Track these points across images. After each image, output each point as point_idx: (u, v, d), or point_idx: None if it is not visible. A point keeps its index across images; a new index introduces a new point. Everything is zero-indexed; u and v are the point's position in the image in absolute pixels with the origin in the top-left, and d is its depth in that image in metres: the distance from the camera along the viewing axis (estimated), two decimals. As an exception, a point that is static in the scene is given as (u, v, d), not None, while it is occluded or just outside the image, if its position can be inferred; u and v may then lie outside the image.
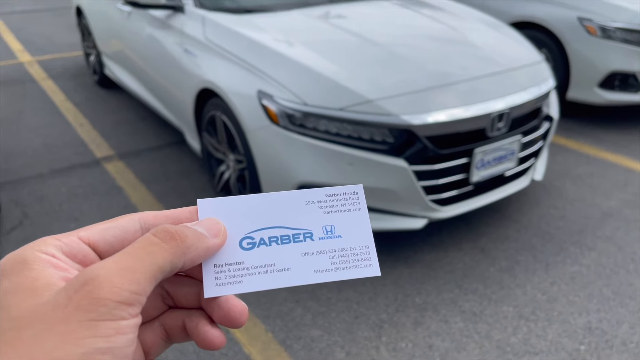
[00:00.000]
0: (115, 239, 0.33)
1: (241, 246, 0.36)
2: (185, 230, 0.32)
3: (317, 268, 0.36)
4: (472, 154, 2.16)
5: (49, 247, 0.31)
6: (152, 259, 0.30)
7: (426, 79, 2.19)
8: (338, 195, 0.38)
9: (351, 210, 0.38)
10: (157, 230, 0.32)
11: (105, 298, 0.27)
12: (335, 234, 0.37)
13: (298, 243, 0.36)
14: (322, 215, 0.37)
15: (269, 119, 2.13)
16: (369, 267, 0.36)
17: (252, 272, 0.35)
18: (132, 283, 0.28)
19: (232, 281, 0.35)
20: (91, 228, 0.33)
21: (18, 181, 3.03)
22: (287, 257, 0.36)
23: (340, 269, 0.36)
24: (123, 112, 4.02)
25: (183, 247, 0.31)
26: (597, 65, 3.56)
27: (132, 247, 0.31)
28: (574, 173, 3.11)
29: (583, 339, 1.93)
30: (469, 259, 2.34)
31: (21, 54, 5.64)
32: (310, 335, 1.93)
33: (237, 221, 0.36)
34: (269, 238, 0.36)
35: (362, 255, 0.37)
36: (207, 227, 0.34)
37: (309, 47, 2.33)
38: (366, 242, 0.37)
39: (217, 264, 0.35)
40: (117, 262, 0.29)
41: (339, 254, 0.36)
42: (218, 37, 2.50)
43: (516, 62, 2.47)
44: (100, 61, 4.27)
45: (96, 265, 0.29)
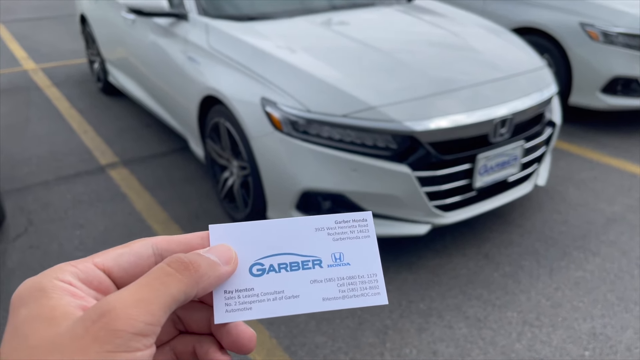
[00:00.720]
0: (130, 264, 0.34)
1: (251, 272, 0.36)
2: (198, 259, 0.33)
3: (326, 296, 0.36)
4: (475, 159, 2.17)
5: (65, 275, 0.31)
6: (167, 290, 0.30)
7: (429, 85, 2.20)
8: (347, 222, 0.38)
9: (360, 238, 0.38)
10: (171, 260, 0.32)
11: (121, 330, 0.28)
12: (344, 261, 0.37)
13: (307, 270, 0.36)
14: (331, 242, 0.37)
15: (273, 126, 2.14)
16: (377, 296, 0.37)
17: (262, 299, 0.35)
18: (147, 315, 0.29)
19: (242, 307, 0.35)
20: (106, 254, 0.34)
21: (23, 188, 3.05)
22: (295, 284, 0.36)
23: (348, 297, 0.36)
24: (127, 119, 4.05)
25: (196, 276, 0.32)
26: (600, 70, 3.56)
27: (147, 277, 0.31)
28: (577, 178, 3.11)
29: (587, 344, 1.92)
30: (473, 265, 2.34)
31: (26, 61, 5.68)
32: (314, 341, 1.93)
33: (248, 247, 0.37)
34: (278, 265, 0.36)
35: (370, 283, 0.37)
36: (219, 254, 0.35)
37: (312, 54, 2.35)
38: (374, 270, 0.37)
39: (228, 290, 0.35)
40: (133, 293, 0.30)
41: (347, 282, 0.36)
42: (221, 45, 2.52)
43: (518, 68, 2.48)
44: (104, 68, 4.30)
45: (112, 296, 0.29)
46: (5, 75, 5.20)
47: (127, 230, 2.63)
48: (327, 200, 2.17)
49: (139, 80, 3.54)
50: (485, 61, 2.48)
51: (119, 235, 2.59)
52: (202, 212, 2.78)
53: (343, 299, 0.36)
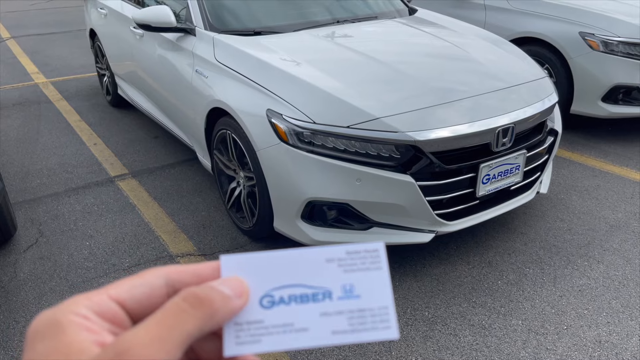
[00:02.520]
0: (143, 296, 0.35)
1: (261, 304, 0.36)
2: (212, 294, 0.33)
3: (335, 329, 0.35)
4: (478, 168, 2.20)
5: (80, 308, 0.32)
6: (182, 327, 0.31)
7: (431, 96, 2.25)
8: (358, 252, 0.38)
9: (371, 269, 0.38)
10: (186, 296, 0.32)
11: None
12: (355, 293, 0.37)
13: (317, 303, 0.36)
14: (342, 273, 0.37)
15: (278, 137, 2.19)
16: (387, 330, 0.36)
17: (271, 332, 0.35)
18: (163, 353, 0.29)
19: (252, 340, 0.35)
20: (119, 286, 0.35)
21: (34, 200, 3.11)
22: (305, 317, 0.36)
23: (358, 331, 0.36)
24: (136, 131, 4.12)
25: (211, 311, 0.32)
26: (600, 78, 3.60)
27: (161, 313, 0.32)
28: (580, 186, 3.13)
29: (593, 352, 1.94)
30: (477, 272, 2.36)
31: (36, 75, 5.80)
32: (320, 349, 1.96)
33: (259, 278, 0.37)
34: (288, 296, 0.36)
35: (381, 316, 0.36)
36: (232, 287, 0.35)
37: (317, 67, 2.40)
38: (385, 302, 0.37)
39: (238, 322, 0.35)
40: (148, 331, 0.30)
41: (357, 315, 0.36)
42: (228, 58, 2.59)
43: (519, 79, 2.52)
44: (114, 82, 4.39)
45: (128, 335, 0.30)
46: (17, 89, 5.30)
47: (136, 240, 2.68)
48: (333, 210, 2.21)
49: (148, 93, 3.61)
50: (486, 72, 2.52)
51: (128, 245, 2.64)
52: (209, 222, 2.82)
53: (352, 333, 0.35)
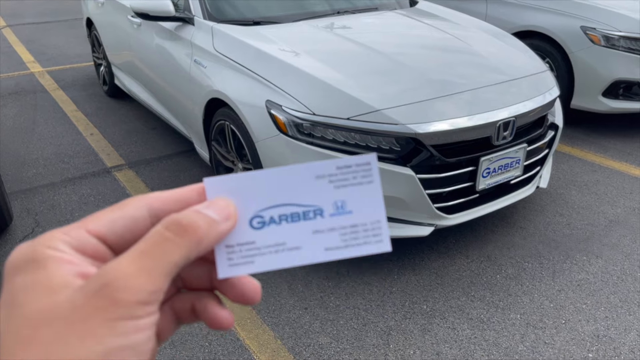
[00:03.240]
0: (125, 229, 0.33)
1: (251, 225, 0.35)
2: (197, 219, 0.32)
3: (328, 246, 0.35)
4: (478, 162, 2.19)
5: (58, 243, 0.30)
6: (168, 257, 0.30)
7: (432, 88, 2.23)
8: (349, 167, 0.36)
9: (363, 184, 0.36)
10: (169, 223, 0.31)
11: (125, 299, 0.28)
12: (347, 209, 0.36)
13: (308, 221, 0.35)
14: (333, 190, 0.36)
15: (278, 129, 2.17)
16: (380, 243, 0.36)
17: (264, 252, 0.35)
18: (149, 283, 0.29)
19: (245, 261, 0.35)
20: (98, 219, 0.33)
21: (30, 190, 3.09)
22: (297, 235, 0.35)
23: (351, 246, 0.35)
24: (133, 121, 4.08)
25: (196, 238, 0.31)
26: (601, 73, 3.58)
27: (145, 244, 0.30)
28: (579, 181, 3.12)
29: (591, 346, 1.94)
30: (476, 266, 2.36)
31: (32, 64, 5.74)
32: (319, 342, 1.95)
33: (246, 200, 0.36)
34: (279, 216, 0.35)
35: (373, 230, 0.36)
36: (218, 210, 0.34)
37: (317, 58, 2.38)
38: (377, 216, 0.36)
39: (229, 245, 0.35)
40: (133, 261, 0.29)
41: (350, 231, 0.35)
42: (227, 48, 2.55)
43: (521, 72, 2.50)
44: (110, 72, 4.34)
45: (112, 266, 0.29)
46: (13, 78, 5.25)
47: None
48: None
49: (145, 83, 3.58)
50: (487, 65, 2.50)
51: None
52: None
53: (346, 248, 0.35)
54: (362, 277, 2.27)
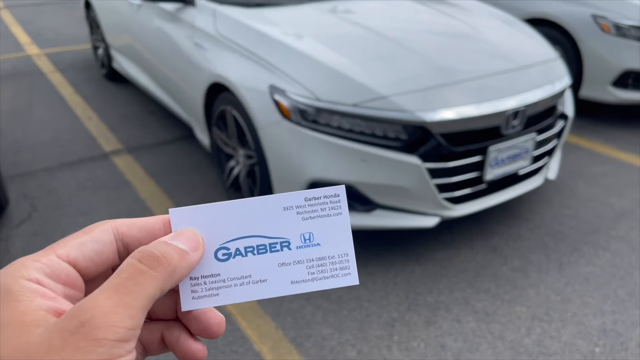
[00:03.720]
0: (94, 252, 0.32)
1: (217, 257, 0.35)
2: (169, 251, 0.32)
3: (294, 279, 0.35)
4: (487, 151, 2.13)
5: (31, 272, 0.29)
6: (143, 291, 0.29)
7: (439, 75, 2.16)
8: (318, 199, 0.36)
9: (331, 215, 0.36)
10: (142, 256, 0.31)
11: (104, 338, 0.27)
12: (314, 242, 0.35)
13: (275, 253, 0.35)
14: (300, 222, 0.35)
15: (281, 115, 2.10)
16: (347, 277, 0.35)
17: (229, 285, 0.34)
18: (127, 319, 0.28)
19: (209, 294, 0.34)
20: (67, 244, 0.32)
21: (27, 174, 3.03)
22: (263, 268, 0.35)
23: (317, 279, 0.35)
24: (131, 106, 4.01)
25: (170, 270, 0.31)
26: (611, 63, 3.51)
27: (120, 277, 0.29)
28: (587, 172, 3.07)
29: (598, 340, 1.90)
30: (481, 258, 2.31)
31: (29, 46, 5.64)
32: (321, 333, 1.91)
33: (212, 231, 0.35)
34: (244, 248, 0.35)
35: (341, 264, 0.35)
36: (186, 240, 0.33)
37: (322, 42, 2.30)
38: (345, 249, 0.36)
39: (194, 277, 0.34)
40: (110, 297, 0.28)
41: (317, 264, 0.35)
42: (229, 31, 2.48)
43: (531, 59, 2.43)
44: (109, 54, 4.26)
45: (88, 302, 0.28)
46: (9, 60, 5.15)
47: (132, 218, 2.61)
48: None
49: (144, 66, 3.50)
50: (497, 52, 2.43)
51: (123, 223, 2.57)
52: (207, 201, 2.75)
53: (312, 282, 0.35)
54: (365, 268, 2.23)
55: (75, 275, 0.31)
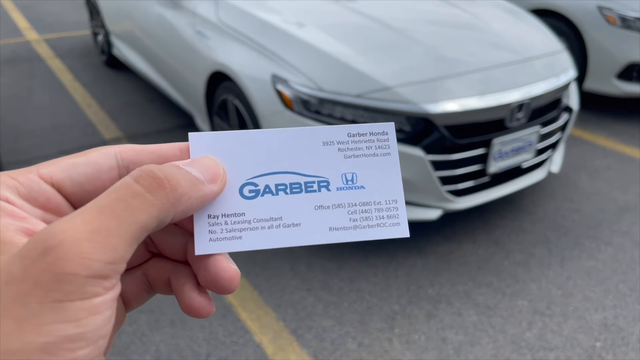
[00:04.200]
0: (86, 177, 0.27)
1: (242, 194, 0.30)
2: (176, 173, 0.26)
3: (333, 225, 0.30)
4: (490, 144, 2.11)
5: (1, 189, 0.25)
6: (134, 216, 0.24)
7: (444, 66, 2.13)
8: (363, 135, 0.32)
9: (378, 155, 0.31)
10: (140, 175, 0.25)
11: (73, 273, 0.21)
12: (357, 183, 0.31)
13: (311, 193, 0.30)
14: (342, 160, 0.31)
15: (283, 105, 2.08)
16: (396, 227, 0.31)
17: (254, 227, 0.30)
18: (106, 251, 0.22)
19: (230, 236, 0.29)
20: (55, 163, 0.27)
21: (26, 161, 3.00)
22: (297, 210, 0.30)
23: (361, 227, 0.30)
24: (131, 93, 3.98)
25: (173, 197, 0.25)
26: (616, 55, 3.47)
27: (107, 197, 0.24)
28: (590, 166, 3.05)
29: (599, 335, 1.90)
30: (483, 252, 2.30)
31: (28, 32, 5.58)
32: (321, 325, 1.91)
33: (238, 163, 0.30)
34: (275, 186, 0.30)
35: (389, 211, 0.31)
36: (202, 169, 0.28)
37: (325, 31, 2.27)
38: (394, 195, 0.31)
39: (213, 215, 0.29)
40: (87, 221, 0.23)
41: (360, 209, 0.31)
42: (232, 19, 2.44)
43: (536, 51, 2.40)
44: (109, 41, 4.21)
45: (60, 224, 0.22)
46: (8, 45, 5.10)
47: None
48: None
49: (145, 54, 3.46)
50: (502, 43, 2.40)
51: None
52: (207, 191, 2.73)
53: (354, 230, 0.30)
54: (366, 260, 2.22)
55: (59, 201, 0.26)
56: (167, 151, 0.29)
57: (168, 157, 0.29)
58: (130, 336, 1.84)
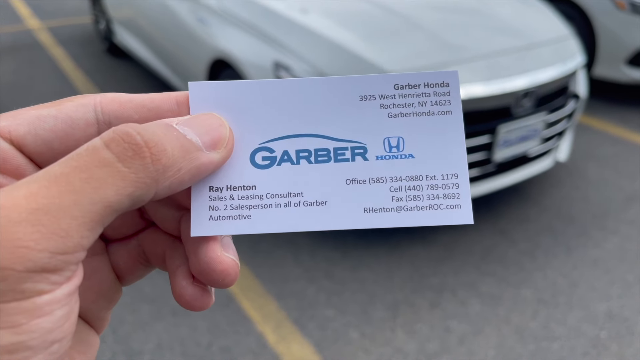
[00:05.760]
0: (55, 134, 0.22)
1: (253, 162, 0.24)
2: (162, 137, 0.20)
3: (370, 205, 0.24)
4: (496, 132, 2.08)
5: None
6: (97, 193, 0.18)
7: (449, 53, 2.09)
8: (415, 87, 0.25)
9: (434, 114, 0.24)
10: (113, 138, 0.19)
11: (5, 268, 0.16)
12: (404, 151, 0.24)
13: (342, 163, 0.24)
14: (385, 119, 0.24)
15: (286, 92, 2.05)
16: (455, 210, 0.24)
17: (268, 204, 0.23)
18: (54, 237, 0.17)
19: (236, 214, 0.23)
20: (16, 115, 0.22)
21: (28, 150, 3.00)
22: (323, 184, 0.24)
23: (406, 209, 0.24)
24: (133, 81, 3.95)
25: (154, 169, 0.20)
26: (625, 41, 3.41)
27: (65, 164, 0.19)
28: (598, 154, 3.01)
29: (604, 324, 1.88)
30: (488, 241, 2.28)
31: (29, 19, 5.54)
32: (324, 314, 1.90)
33: (250, 121, 0.24)
34: (296, 152, 0.24)
35: (446, 189, 0.24)
36: (201, 129, 0.22)
37: (328, 17, 2.23)
38: (455, 167, 0.24)
39: (215, 187, 0.24)
40: (33, 194, 0.17)
41: (407, 185, 0.24)
42: (233, 5, 2.41)
43: (542, 36, 2.35)
44: (110, 28, 4.17)
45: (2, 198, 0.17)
46: (9, 33, 5.07)
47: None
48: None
49: (146, 41, 3.42)
50: (507, 28, 2.35)
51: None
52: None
53: (397, 212, 0.23)
54: (369, 249, 2.20)
55: (20, 162, 0.22)
56: (161, 104, 0.24)
57: (161, 112, 0.24)
58: (132, 325, 1.83)
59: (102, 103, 0.23)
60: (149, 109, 0.23)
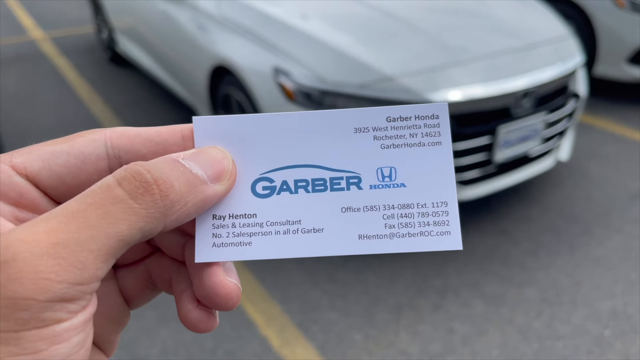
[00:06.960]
0: (68, 169, 0.23)
1: (254, 191, 0.25)
2: (169, 173, 0.22)
3: (364, 232, 0.25)
4: (496, 132, 2.08)
5: None
6: (111, 227, 0.20)
7: (447, 54, 2.10)
8: (406, 119, 0.26)
9: (425, 145, 0.26)
10: (124, 176, 0.21)
11: (27, 298, 0.18)
12: (396, 181, 0.26)
13: (338, 192, 0.25)
14: (379, 150, 0.26)
15: (285, 97, 2.06)
16: (444, 237, 0.25)
17: (268, 231, 0.25)
18: (72, 269, 0.19)
19: (238, 242, 0.25)
20: (31, 151, 0.24)
21: (33, 159, 3.03)
22: (319, 212, 0.25)
23: (399, 237, 0.25)
24: (136, 89, 3.98)
25: (163, 205, 0.21)
26: (626, 40, 3.40)
27: (81, 201, 0.20)
28: (600, 152, 3.01)
29: (608, 323, 1.88)
30: (490, 241, 2.28)
31: (33, 30, 5.60)
32: (327, 317, 1.91)
33: (252, 153, 0.26)
34: (294, 182, 0.25)
35: (436, 216, 0.25)
36: (206, 163, 0.23)
37: (327, 22, 2.25)
38: (444, 196, 0.25)
39: (218, 216, 0.25)
40: (53, 230, 0.19)
41: (399, 213, 0.25)
42: (233, 12, 2.43)
43: (541, 36, 2.36)
44: (112, 38, 4.21)
45: (17, 233, 0.19)
46: (14, 44, 5.13)
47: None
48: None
49: (148, 50, 3.45)
50: (506, 29, 2.36)
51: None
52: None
53: (390, 239, 0.25)
54: (372, 251, 2.21)
55: (35, 196, 0.23)
56: (167, 138, 0.25)
57: (168, 146, 0.25)
58: (136, 331, 1.85)
59: (112, 138, 0.25)
60: (156, 143, 0.25)
